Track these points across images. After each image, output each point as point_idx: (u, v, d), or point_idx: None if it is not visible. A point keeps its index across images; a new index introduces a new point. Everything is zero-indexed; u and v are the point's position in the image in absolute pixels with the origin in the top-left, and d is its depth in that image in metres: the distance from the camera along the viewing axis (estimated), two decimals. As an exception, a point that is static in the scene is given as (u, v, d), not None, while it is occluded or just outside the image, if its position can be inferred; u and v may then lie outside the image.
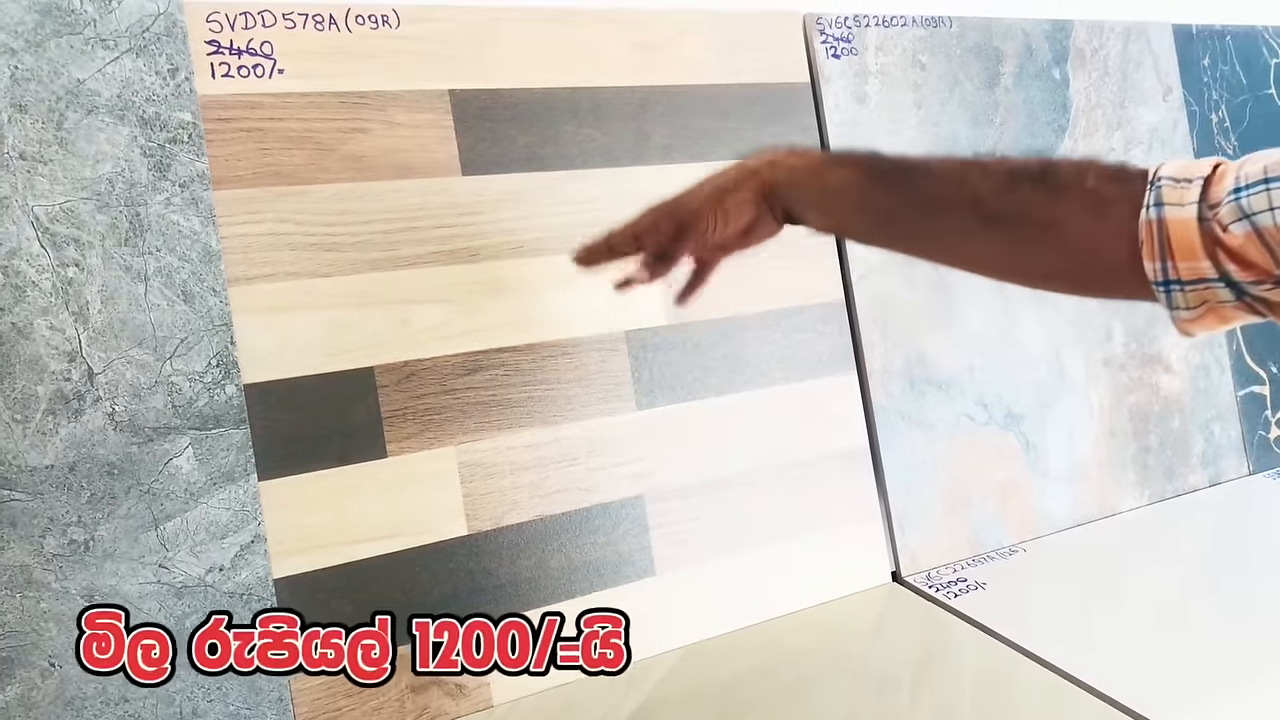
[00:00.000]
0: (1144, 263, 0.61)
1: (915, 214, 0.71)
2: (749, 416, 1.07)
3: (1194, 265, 0.60)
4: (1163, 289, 0.62)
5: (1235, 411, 1.42)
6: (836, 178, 0.75)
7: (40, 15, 0.80)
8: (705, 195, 0.78)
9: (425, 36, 0.95)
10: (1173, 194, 0.61)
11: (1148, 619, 1.04)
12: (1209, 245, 0.59)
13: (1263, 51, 1.52)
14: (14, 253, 0.78)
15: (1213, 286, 0.60)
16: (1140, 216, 0.61)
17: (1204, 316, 0.62)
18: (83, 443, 0.80)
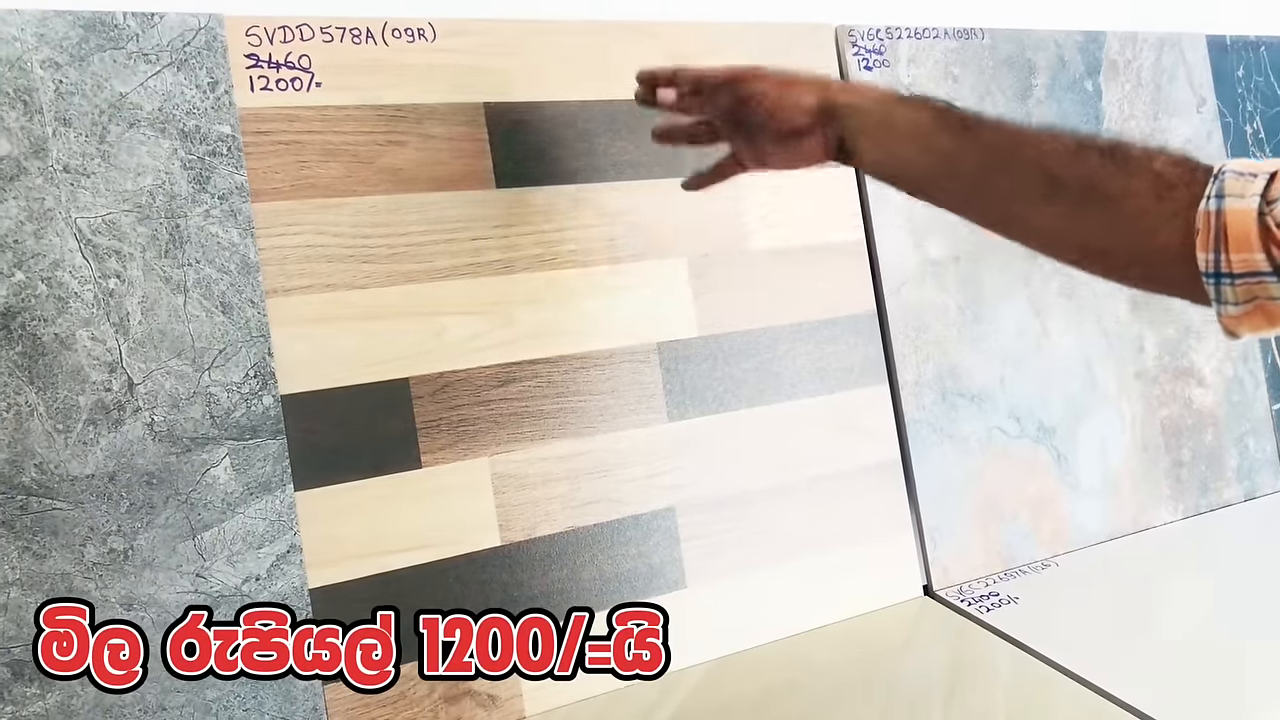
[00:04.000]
0: (1197, 254, 0.61)
1: (979, 166, 0.71)
2: (780, 428, 1.07)
3: (1247, 257, 0.59)
4: (1212, 281, 0.61)
5: (1270, 425, 1.41)
6: (904, 114, 0.74)
7: (84, 30, 0.81)
8: (773, 80, 0.79)
9: (461, 50, 0.95)
10: (1235, 186, 0.60)
11: (1182, 634, 1.03)
12: (1265, 238, 0.59)
13: (1298, 62, 1.51)
14: (57, 264, 0.79)
15: (1265, 281, 0.60)
16: (1200, 206, 0.61)
17: (1251, 314, 0.62)
18: (122, 452, 0.81)
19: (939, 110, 0.73)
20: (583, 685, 0.95)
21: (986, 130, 0.71)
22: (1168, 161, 0.65)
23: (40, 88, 0.80)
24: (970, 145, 0.71)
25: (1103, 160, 0.66)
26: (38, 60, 0.80)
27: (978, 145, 0.71)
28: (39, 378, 0.78)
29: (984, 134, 0.71)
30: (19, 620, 0.77)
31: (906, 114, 0.74)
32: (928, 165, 0.74)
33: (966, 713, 0.90)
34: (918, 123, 0.73)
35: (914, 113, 0.74)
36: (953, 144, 0.71)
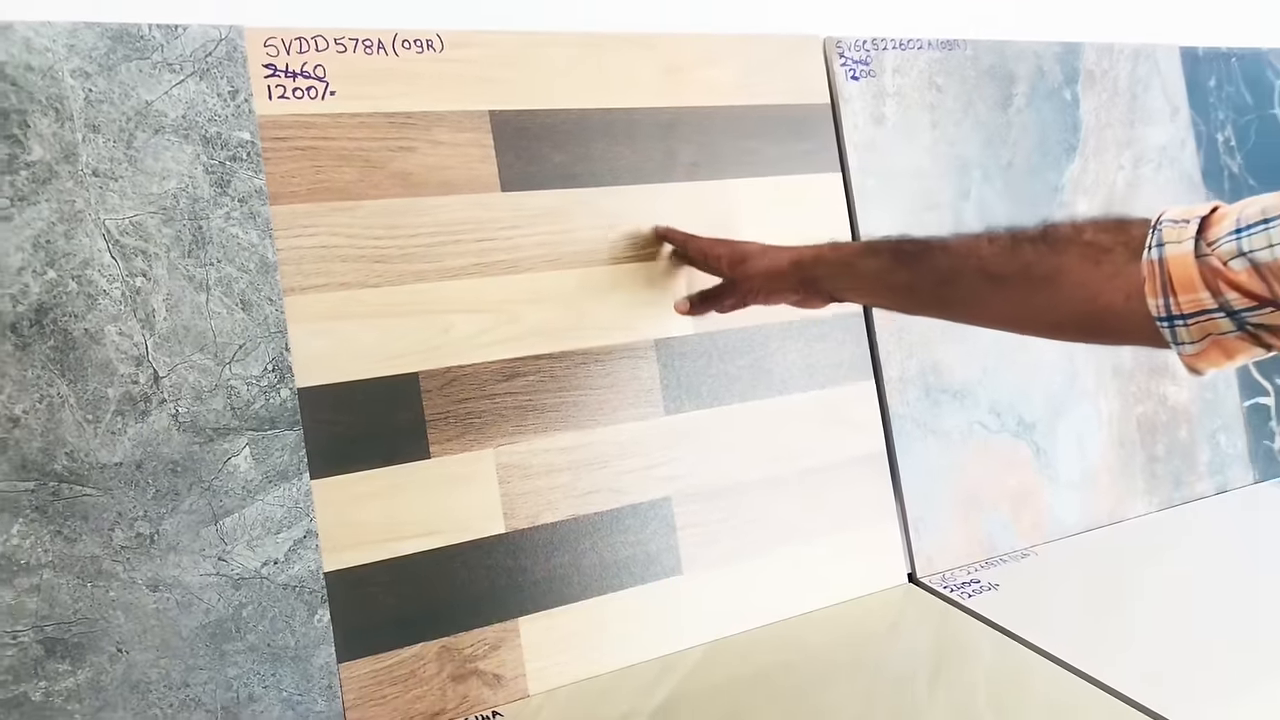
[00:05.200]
0: (1148, 301, 0.66)
1: (934, 286, 0.82)
2: (772, 422, 1.12)
3: (1194, 297, 0.65)
4: (1166, 324, 0.66)
5: (1241, 422, 1.46)
6: (866, 266, 0.89)
7: (112, 41, 0.86)
8: (761, 272, 0.96)
9: (467, 60, 1.00)
10: (1172, 233, 0.66)
11: (1156, 619, 1.08)
12: (1208, 278, 0.64)
13: (1267, 73, 1.57)
14: (87, 263, 0.84)
15: (1214, 317, 0.65)
16: (1142, 258, 0.66)
17: (1208, 351, 0.67)
18: (149, 442, 0.85)
19: (892, 252, 0.86)
20: (583, 663, 0.99)
21: (934, 254, 0.82)
22: (1097, 229, 0.71)
23: (71, 96, 0.84)
24: (924, 273, 0.82)
25: (1035, 247, 0.74)
26: (68, 70, 0.84)
27: (930, 271, 0.82)
28: (70, 370, 0.82)
29: (934, 259, 0.82)
30: (52, 600, 0.81)
31: (868, 265, 0.88)
32: (896, 298, 0.89)
33: (950, 692, 0.95)
34: (878, 270, 0.87)
35: (874, 262, 0.88)
36: (909, 277, 0.84)
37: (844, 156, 1.19)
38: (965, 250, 0.79)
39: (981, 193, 1.28)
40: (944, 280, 0.81)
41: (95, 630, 0.82)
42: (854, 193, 1.19)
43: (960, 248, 0.80)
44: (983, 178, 1.28)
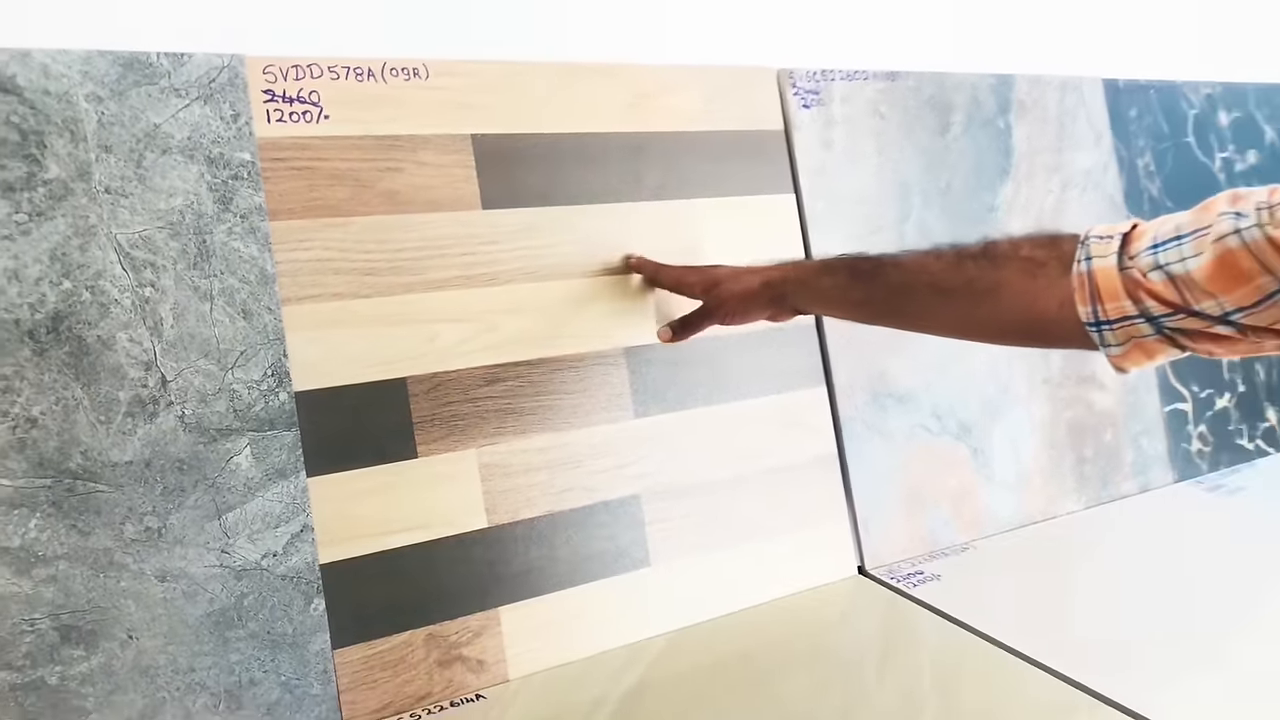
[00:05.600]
0: (1078, 308, 0.76)
1: (887, 298, 0.92)
2: (732, 425, 1.20)
3: (1118, 305, 0.74)
4: (1094, 329, 0.76)
5: (1161, 426, 1.57)
6: (826, 284, 0.98)
7: (123, 68, 0.92)
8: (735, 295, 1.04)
9: (451, 88, 1.07)
10: (1098, 248, 0.75)
11: (1087, 606, 1.18)
12: (1130, 288, 0.74)
13: (1182, 104, 1.69)
14: (100, 274, 0.89)
15: (1135, 323, 0.74)
16: (1072, 271, 0.76)
17: (1131, 351, 0.76)
18: (157, 441, 0.91)
19: (851, 268, 0.95)
20: (559, 649, 1.06)
21: (888, 272, 0.91)
22: (1033, 245, 0.81)
23: (85, 119, 0.90)
24: (878, 289, 0.92)
25: (978, 263, 0.84)
26: (83, 94, 0.90)
27: (884, 287, 0.92)
28: (84, 375, 0.88)
29: (887, 276, 0.91)
30: (67, 590, 0.86)
31: (828, 282, 0.98)
32: (855, 311, 0.97)
33: (898, 674, 1.04)
34: (837, 286, 0.96)
35: (832, 279, 0.97)
36: (865, 293, 0.93)
37: (796, 179, 1.29)
38: (915, 267, 0.88)
39: (922, 214, 1.38)
40: (896, 294, 0.90)
41: (107, 618, 0.87)
42: (806, 213, 1.28)
43: (910, 264, 0.89)
44: (923, 200, 1.38)
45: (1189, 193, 1.65)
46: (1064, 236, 0.80)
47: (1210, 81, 1.74)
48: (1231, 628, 1.10)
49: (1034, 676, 1.02)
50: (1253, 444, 1.68)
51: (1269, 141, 1.81)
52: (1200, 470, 1.60)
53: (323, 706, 0.95)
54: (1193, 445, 1.60)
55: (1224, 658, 1.04)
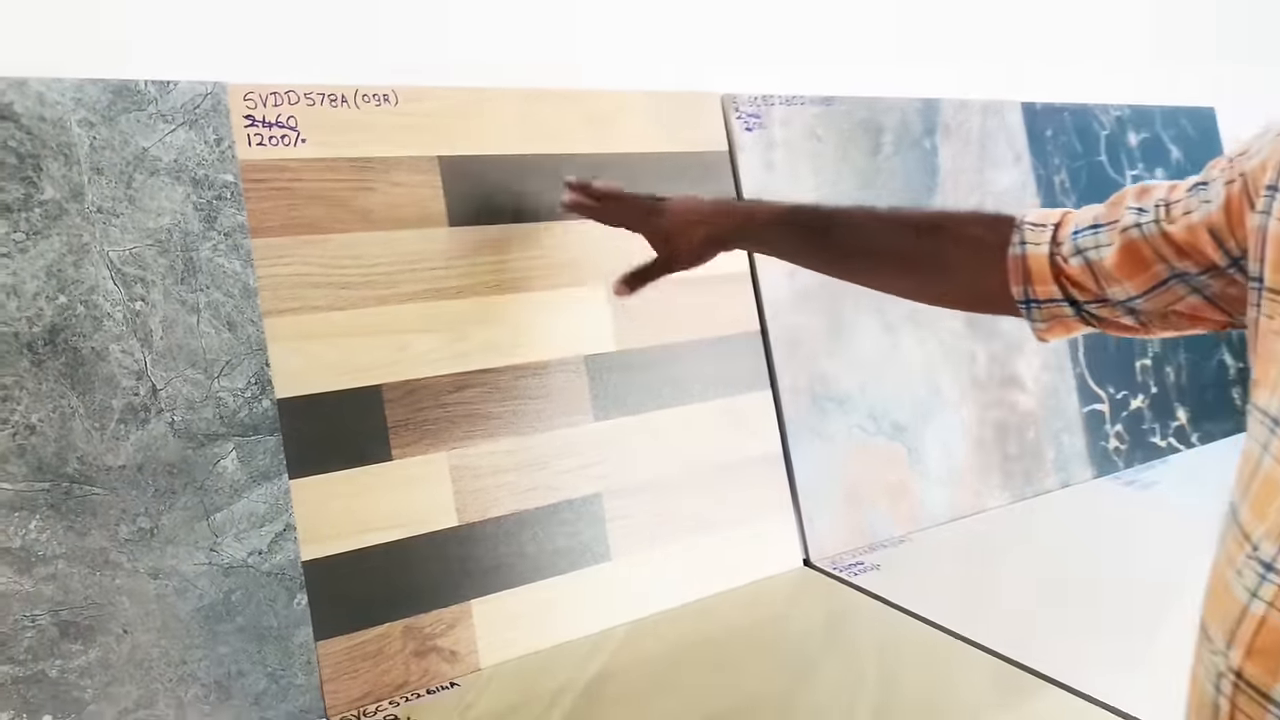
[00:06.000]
0: (1011, 288, 0.85)
1: (839, 261, 0.98)
2: (685, 427, 1.28)
3: (1047, 289, 0.83)
4: (1024, 306, 0.85)
5: (1080, 426, 1.69)
6: (776, 236, 1.02)
7: (113, 95, 0.97)
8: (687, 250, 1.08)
9: (419, 113, 1.14)
10: (1032, 235, 0.84)
11: (1014, 590, 1.27)
12: (1056, 274, 0.83)
13: (1094, 125, 1.82)
14: (93, 289, 0.95)
15: (1059, 305, 0.83)
16: (1009, 252, 0.85)
17: (1054, 327, 0.86)
18: (148, 447, 0.96)
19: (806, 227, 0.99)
20: (527, 640, 1.13)
21: (842, 233, 0.96)
22: (977, 223, 0.90)
23: (78, 143, 0.95)
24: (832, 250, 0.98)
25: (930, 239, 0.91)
26: (75, 120, 0.95)
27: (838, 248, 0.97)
28: (79, 384, 0.93)
29: (841, 238, 0.97)
30: (65, 588, 0.91)
31: (778, 235, 1.02)
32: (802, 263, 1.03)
33: (842, 654, 1.12)
34: (788, 242, 1.01)
35: (785, 235, 1.01)
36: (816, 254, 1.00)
37: (741, 196, 1.37)
38: (868, 233, 0.94)
39: (858, 228, 1.47)
40: (849, 257, 0.96)
41: (104, 614, 0.92)
42: (750, 228, 1.37)
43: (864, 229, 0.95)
44: (858, 215, 1.48)
45: (1102, 208, 1.78)
46: (1001, 219, 0.87)
47: (1120, 105, 1.87)
48: (1148, 606, 1.20)
49: (968, 654, 1.10)
50: (1165, 441, 1.80)
51: (1175, 160, 1.94)
52: (1117, 466, 1.72)
53: (307, 696, 1.01)
54: (1110, 443, 1.72)
55: (1142, 633, 1.13)
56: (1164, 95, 1.97)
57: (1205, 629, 0.61)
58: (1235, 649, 0.55)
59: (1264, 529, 0.55)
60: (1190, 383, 1.87)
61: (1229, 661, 0.56)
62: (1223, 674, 0.56)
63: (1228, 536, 0.60)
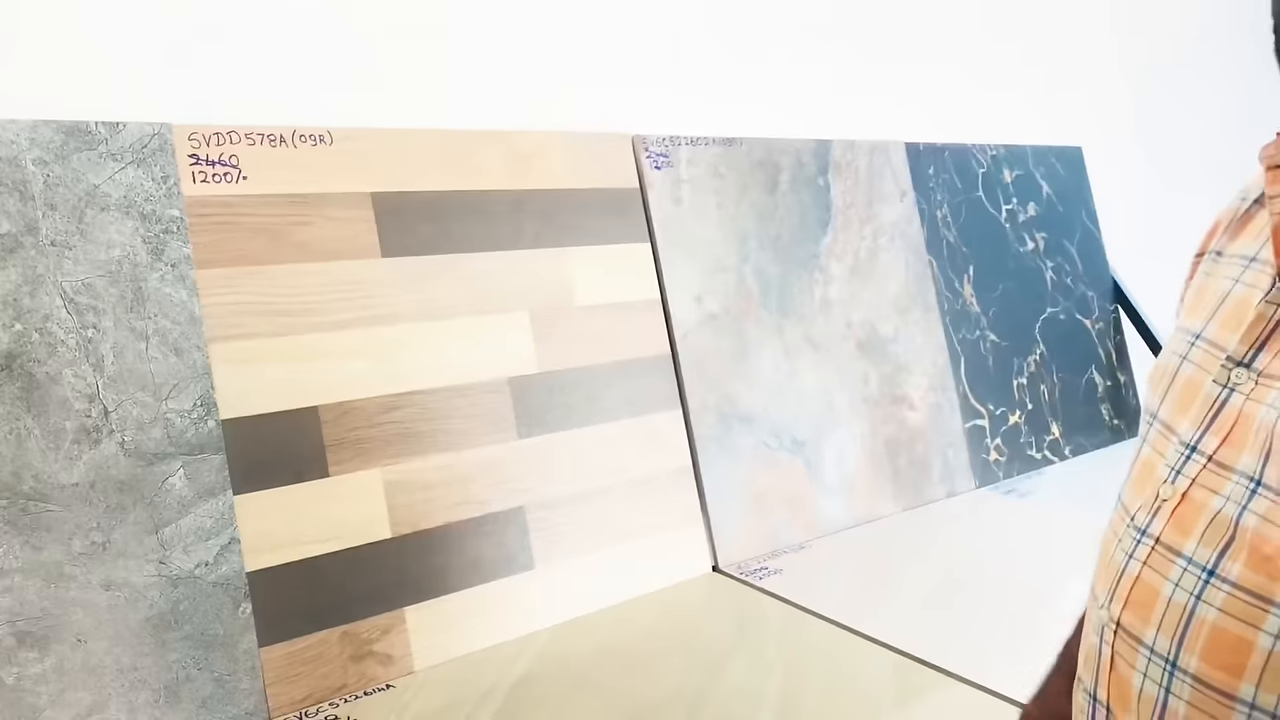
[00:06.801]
0: None
1: None
2: (602, 443, 1.37)
3: None
4: None
5: (963, 440, 1.83)
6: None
7: (65, 135, 1.04)
8: None
9: (352, 152, 1.23)
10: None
11: (905, 589, 1.39)
12: None
13: (972, 163, 1.98)
14: (47, 318, 1.01)
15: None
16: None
17: None
18: (100, 465, 1.02)
19: None
20: (457, 643, 1.21)
21: None
22: None
23: (32, 180, 1.01)
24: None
25: None
26: (30, 159, 1.01)
27: None
28: (34, 407, 0.99)
29: None
30: (22, 599, 0.96)
31: None
32: None
33: (750, 651, 1.22)
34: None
35: None
36: None
37: (652, 229, 1.48)
38: None
39: (758, 258, 1.59)
40: None
41: (59, 624, 0.98)
42: (660, 258, 1.48)
43: None
44: (758, 246, 1.60)
45: (981, 240, 1.94)
46: None
47: (995, 144, 2.04)
48: (1028, 601, 1.33)
49: (866, 648, 1.22)
50: (1040, 454, 1.96)
51: (1046, 194, 2.12)
52: (998, 477, 1.87)
53: (251, 699, 1.07)
54: (990, 455, 1.87)
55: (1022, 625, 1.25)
56: (1034, 135, 2.15)
57: (1093, 591, 0.69)
58: (1115, 603, 0.64)
59: (1140, 501, 0.65)
60: (1063, 399, 2.03)
61: (1110, 614, 0.64)
62: (1105, 624, 0.65)
63: (1113, 516, 0.69)
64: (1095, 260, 2.19)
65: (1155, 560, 0.61)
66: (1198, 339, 0.66)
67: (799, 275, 1.64)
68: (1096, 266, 2.19)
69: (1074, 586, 0.82)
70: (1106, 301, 2.20)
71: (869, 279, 1.75)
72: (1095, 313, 2.16)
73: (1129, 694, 0.62)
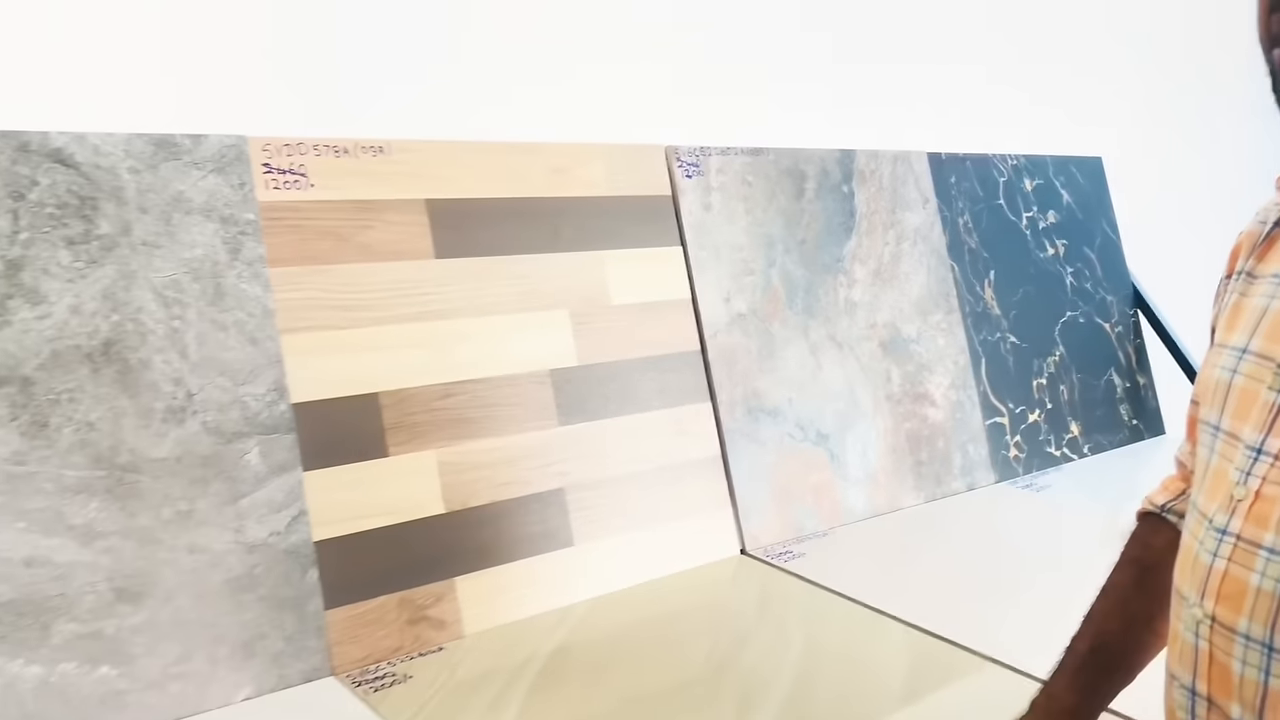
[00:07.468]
0: None
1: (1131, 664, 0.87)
2: (636, 432, 1.48)
3: None
4: None
5: (984, 436, 1.91)
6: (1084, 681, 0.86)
7: (156, 146, 1.16)
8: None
9: (409, 162, 1.34)
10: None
11: (925, 573, 1.48)
12: None
13: (993, 172, 2.06)
14: (139, 310, 1.13)
15: None
16: None
17: None
18: (185, 442, 1.14)
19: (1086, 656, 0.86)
20: (503, 612, 1.31)
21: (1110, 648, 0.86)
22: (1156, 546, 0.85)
23: (127, 186, 1.14)
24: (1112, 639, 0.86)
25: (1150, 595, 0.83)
26: (125, 168, 1.14)
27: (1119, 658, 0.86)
28: (129, 389, 1.11)
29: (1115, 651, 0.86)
30: (119, 559, 1.08)
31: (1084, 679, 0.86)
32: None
33: (774, 624, 1.31)
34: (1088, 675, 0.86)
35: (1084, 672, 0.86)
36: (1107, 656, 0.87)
37: (683, 234, 1.59)
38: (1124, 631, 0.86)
39: (784, 262, 1.69)
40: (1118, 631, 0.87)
41: (150, 582, 1.09)
42: (691, 261, 1.58)
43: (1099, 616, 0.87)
44: (784, 250, 1.70)
45: (1001, 246, 2.02)
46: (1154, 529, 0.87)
47: (1016, 154, 2.12)
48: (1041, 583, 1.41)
49: (884, 623, 1.30)
50: (1059, 451, 2.03)
51: (1066, 203, 2.20)
52: (1017, 472, 1.94)
53: (317, 656, 1.18)
54: (1010, 452, 1.95)
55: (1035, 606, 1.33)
56: (1055, 145, 2.23)
57: (1180, 593, 0.72)
58: (1207, 599, 0.68)
59: (1215, 505, 0.70)
60: (1082, 400, 2.11)
61: (1204, 610, 0.68)
62: (1200, 621, 0.68)
63: (1189, 520, 0.74)
64: (1115, 266, 2.27)
65: (1239, 555, 0.66)
66: (1244, 353, 0.72)
67: (824, 278, 1.74)
68: (1117, 272, 2.27)
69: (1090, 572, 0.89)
70: (1126, 306, 2.27)
71: (892, 282, 1.84)
72: (1115, 316, 2.23)
73: (1230, 683, 0.67)
